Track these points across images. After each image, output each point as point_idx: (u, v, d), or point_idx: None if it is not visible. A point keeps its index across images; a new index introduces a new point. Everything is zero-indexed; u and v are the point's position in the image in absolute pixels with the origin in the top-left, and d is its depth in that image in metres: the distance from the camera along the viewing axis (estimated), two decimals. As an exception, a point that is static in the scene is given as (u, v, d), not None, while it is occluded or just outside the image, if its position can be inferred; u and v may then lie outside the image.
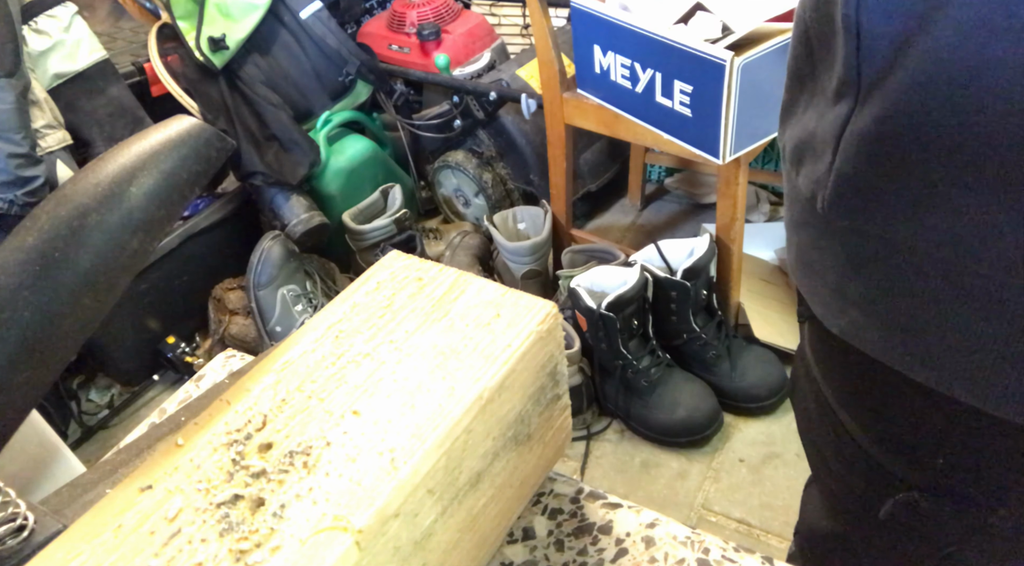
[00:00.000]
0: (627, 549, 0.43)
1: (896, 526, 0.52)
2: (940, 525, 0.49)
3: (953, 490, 0.46)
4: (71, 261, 0.32)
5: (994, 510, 0.45)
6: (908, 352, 0.41)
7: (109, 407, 1.65)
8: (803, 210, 0.45)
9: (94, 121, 1.60)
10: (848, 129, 0.38)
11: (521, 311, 0.39)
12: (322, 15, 1.74)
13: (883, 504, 0.51)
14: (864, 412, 0.50)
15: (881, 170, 0.37)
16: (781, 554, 1.16)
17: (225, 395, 0.37)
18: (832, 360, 0.52)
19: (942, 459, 0.45)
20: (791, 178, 0.46)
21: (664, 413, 1.35)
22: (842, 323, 0.45)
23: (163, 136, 0.36)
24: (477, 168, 1.78)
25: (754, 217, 1.80)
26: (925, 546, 0.51)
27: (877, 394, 0.48)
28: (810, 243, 0.46)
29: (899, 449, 0.48)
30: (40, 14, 1.50)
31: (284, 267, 1.58)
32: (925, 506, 0.48)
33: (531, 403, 0.39)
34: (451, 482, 0.34)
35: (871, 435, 0.50)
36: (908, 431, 0.47)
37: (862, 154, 0.38)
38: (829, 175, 0.40)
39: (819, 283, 0.46)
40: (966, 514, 0.47)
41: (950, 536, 0.49)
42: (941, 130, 0.34)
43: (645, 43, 1.16)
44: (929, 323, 0.39)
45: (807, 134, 0.43)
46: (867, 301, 0.42)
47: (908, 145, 0.36)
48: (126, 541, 0.30)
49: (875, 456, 0.50)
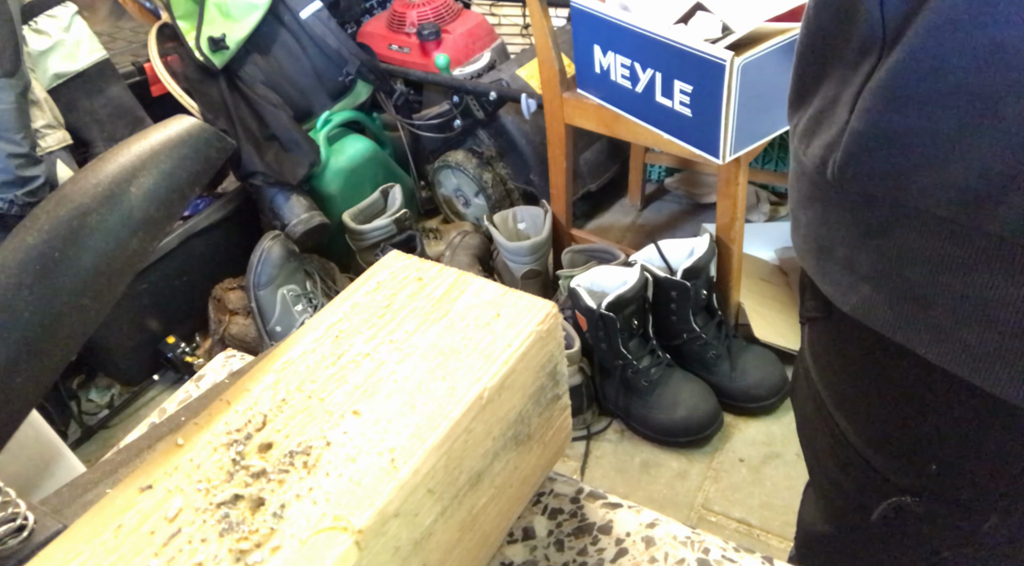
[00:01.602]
0: (627, 549, 0.43)
1: (888, 530, 0.52)
2: (932, 531, 0.49)
3: (945, 496, 0.46)
4: (71, 261, 0.32)
5: (986, 518, 0.45)
6: (918, 326, 0.40)
7: (109, 407, 1.65)
8: (811, 184, 0.44)
9: (94, 121, 1.60)
10: (867, 85, 0.37)
11: (521, 311, 0.39)
12: (322, 15, 1.74)
13: (876, 507, 0.50)
14: (859, 415, 0.50)
15: (894, 123, 0.36)
16: (781, 554, 1.16)
17: (225, 395, 0.37)
18: (830, 362, 0.51)
19: (935, 465, 0.45)
20: (798, 156, 0.45)
21: (664, 413, 1.35)
22: (853, 301, 0.44)
23: (163, 136, 0.36)
24: (477, 168, 1.78)
25: (754, 217, 1.80)
26: (917, 551, 0.51)
27: (873, 397, 0.48)
28: (818, 219, 0.45)
29: (893, 453, 0.48)
30: (40, 14, 1.50)
31: (284, 267, 1.58)
32: (917, 511, 0.48)
33: (531, 403, 0.39)
34: (451, 482, 0.34)
35: (865, 438, 0.50)
36: (902, 436, 0.47)
37: (877, 108, 0.37)
38: (842, 136, 0.39)
39: (828, 261, 0.45)
40: (958, 520, 0.46)
41: (942, 542, 0.49)
42: (957, 75, 0.33)
43: (645, 43, 1.16)
44: (939, 293, 0.38)
45: (826, 102, 0.42)
46: (878, 273, 0.41)
47: (924, 93, 0.35)
48: (126, 541, 0.30)
49: (869, 459, 0.50)
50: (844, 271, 0.44)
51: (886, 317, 0.42)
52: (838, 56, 0.40)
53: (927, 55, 0.34)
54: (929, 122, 0.35)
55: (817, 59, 0.43)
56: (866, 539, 0.56)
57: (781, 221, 1.79)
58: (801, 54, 0.44)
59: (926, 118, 0.35)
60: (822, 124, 0.42)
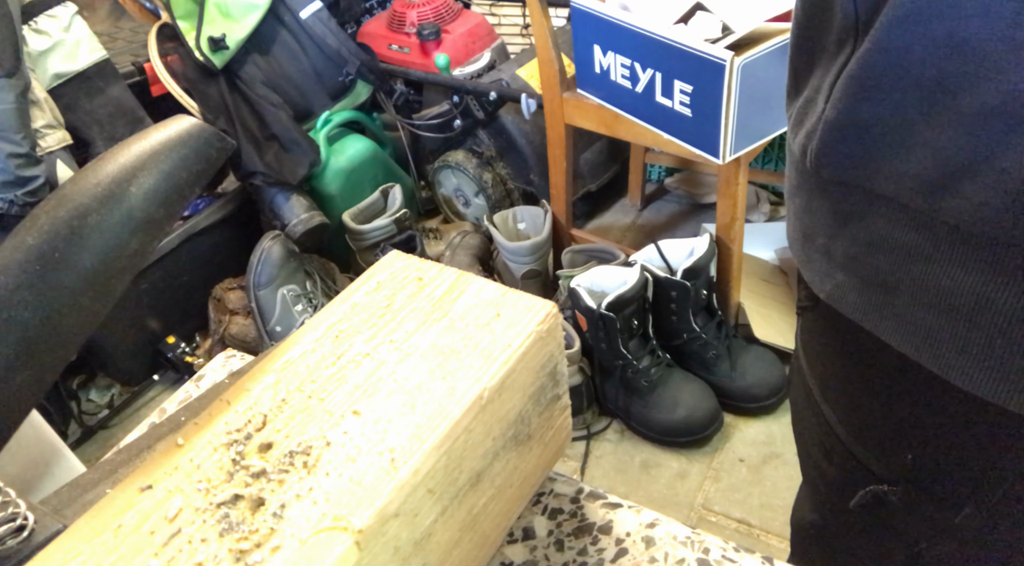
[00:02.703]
0: (627, 549, 0.43)
1: (868, 519, 0.52)
2: (909, 521, 0.49)
3: (921, 486, 0.47)
4: (71, 261, 0.32)
5: (960, 509, 0.45)
6: (884, 312, 0.41)
7: (109, 407, 1.65)
8: (798, 173, 0.46)
9: (94, 121, 1.60)
10: (841, 75, 0.39)
11: (521, 311, 0.39)
12: (322, 15, 1.74)
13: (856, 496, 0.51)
14: (842, 404, 0.51)
15: (863, 112, 0.38)
16: (781, 554, 1.16)
17: (225, 395, 0.37)
18: (817, 351, 0.52)
19: (911, 455, 0.46)
20: (790, 144, 0.47)
21: (664, 413, 1.35)
22: (828, 287, 0.45)
23: (163, 136, 0.36)
24: (477, 168, 1.78)
25: (754, 217, 1.80)
26: (895, 541, 0.52)
27: (853, 386, 0.48)
28: (804, 207, 0.46)
29: (872, 442, 0.49)
30: (40, 14, 1.50)
31: (284, 267, 1.58)
32: (894, 500, 0.49)
33: (531, 403, 0.39)
34: (451, 482, 0.34)
35: (847, 427, 0.51)
36: (880, 425, 0.47)
37: (847, 97, 0.38)
38: (819, 125, 0.40)
39: (811, 248, 0.46)
40: (933, 511, 0.47)
41: (919, 533, 0.49)
42: (919, 66, 0.34)
43: (645, 43, 1.16)
44: (903, 280, 0.39)
45: (812, 92, 0.43)
46: (849, 258, 0.42)
47: (889, 83, 0.36)
48: (126, 541, 0.30)
49: (851, 448, 0.51)
50: (823, 258, 0.45)
51: (856, 303, 0.43)
52: (822, 47, 0.42)
53: (892, 46, 0.35)
54: (894, 111, 0.36)
55: (805, 50, 0.44)
56: (848, 529, 0.57)
57: (781, 221, 1.79)
58: (792, 45, 0.46)
59: (891, 107, 0.36)
60: (807, 113, 0.43)
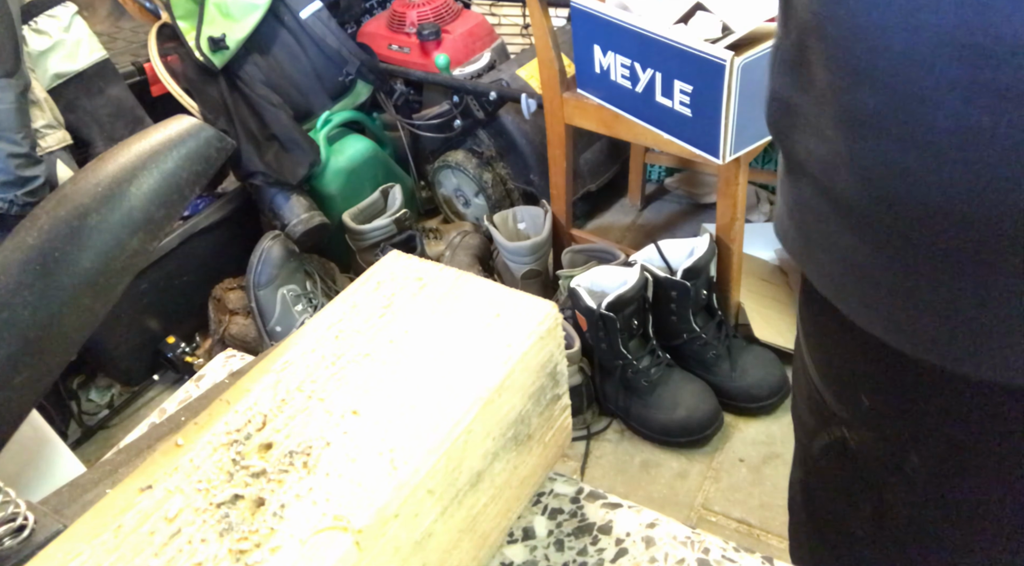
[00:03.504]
0: (627, 549, 0.43)
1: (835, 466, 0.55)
2: (868, 466, 0.51)
3: (873, 428, 0.49)
4: (71, 261, 0.32)
5: (906, 454, 0.47)
6: (811, 257, 0.44)
7: (109, 407, 1.65)
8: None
9: (94, 121, 1.60)
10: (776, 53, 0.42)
11: (521, 311, 0.39)
12: (322, 15, 1.74)
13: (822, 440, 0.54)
14: (816, 350, 0.53)
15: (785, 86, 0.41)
16: (781, 554, 1.16)
17: (225, 395, 0.37)
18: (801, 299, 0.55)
19: (866, 399, 0.48)
20: None
21: (664, 413, 1.35)
22: (780, 230, 0.49)
23: (163, 136, 0.36)
24: (477, 168, 1.78)
25: (754, 217, 1.80)
26: (863, 491, 0.53)
27: (823, 333, 0.51)
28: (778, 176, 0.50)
29: (837, 386, 0.51)
30: (40, 14, 1.50)
31: (284, 267, 1.58)
32: (852, 444, 0.51)
33: (531, 403, 0.39)
34: (451, 482, 0.34)
35: (820, 373, 0.53)
36: (839, 368, 0.50)
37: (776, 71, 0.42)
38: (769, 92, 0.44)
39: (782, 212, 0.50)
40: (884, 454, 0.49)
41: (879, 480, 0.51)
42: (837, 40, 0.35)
43: (645, 43, 1.16)
44: (818, 243, 0.42)
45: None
46: (788, 207, 0.46)
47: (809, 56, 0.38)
48: (126, 541, 0.30)
49: (823, 393, 0.53)
50: (780, 201, 0.49)
51: (795, 245, 0.46)
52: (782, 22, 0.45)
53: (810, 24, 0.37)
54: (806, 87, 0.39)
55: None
56: (823, 479, 0.59)
57: (781, 221, 1.79)
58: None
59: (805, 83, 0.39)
60: None
